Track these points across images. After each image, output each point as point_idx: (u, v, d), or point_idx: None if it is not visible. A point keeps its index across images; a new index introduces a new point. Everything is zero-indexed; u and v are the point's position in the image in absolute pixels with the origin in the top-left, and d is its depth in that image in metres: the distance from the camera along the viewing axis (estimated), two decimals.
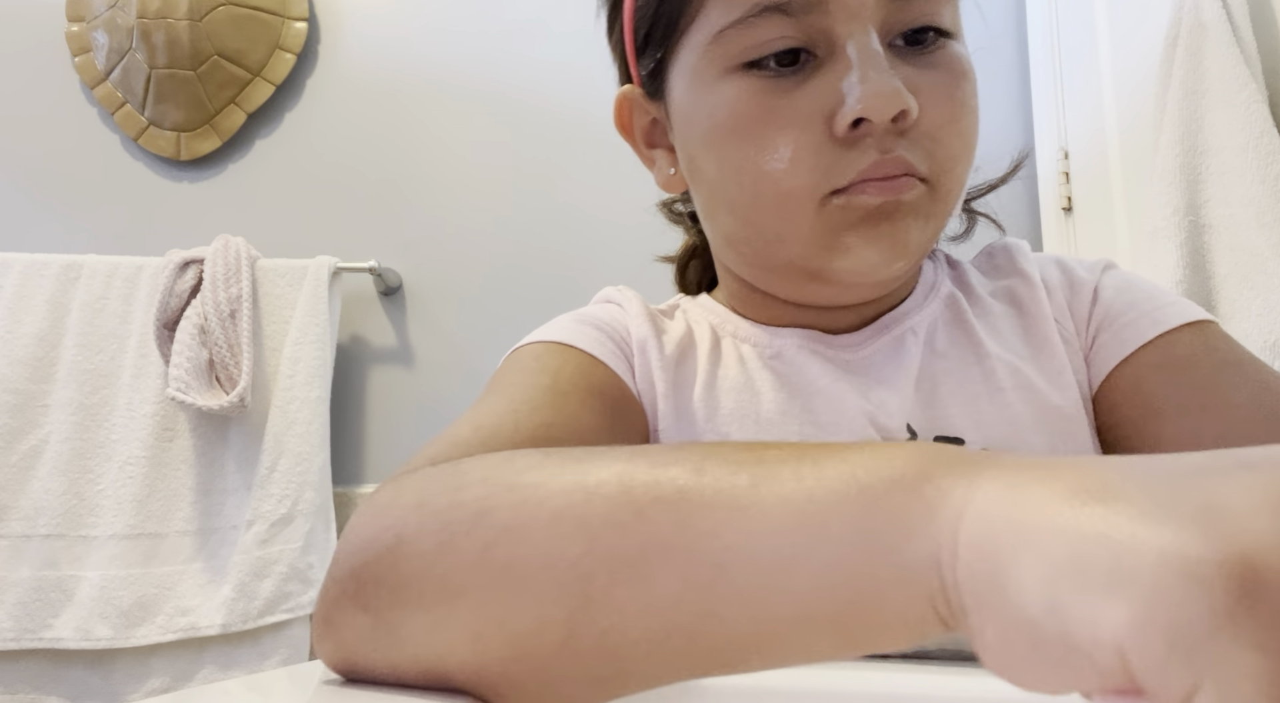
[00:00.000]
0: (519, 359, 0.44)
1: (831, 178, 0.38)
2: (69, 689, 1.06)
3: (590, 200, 1.30)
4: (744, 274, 0.47)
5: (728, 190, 0.42)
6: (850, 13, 0.37)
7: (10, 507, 1.09)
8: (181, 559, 1.10)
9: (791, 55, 0.38)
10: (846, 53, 0.38)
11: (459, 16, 1.35)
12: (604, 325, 0.46)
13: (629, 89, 0.47)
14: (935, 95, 0.39)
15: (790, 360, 0.45)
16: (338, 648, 0.27)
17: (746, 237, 0.44)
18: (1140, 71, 0.95)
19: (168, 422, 1.13)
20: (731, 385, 0.45)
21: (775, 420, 0.43)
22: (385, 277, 1.24)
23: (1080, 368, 0.44)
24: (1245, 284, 0.78)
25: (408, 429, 1.24)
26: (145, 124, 1.32)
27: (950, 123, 0.39)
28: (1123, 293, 0.45)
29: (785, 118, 0.38)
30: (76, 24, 1.33)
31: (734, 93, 0.39)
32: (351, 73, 1.34)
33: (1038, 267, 0.48)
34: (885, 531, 0.19)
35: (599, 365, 0.43)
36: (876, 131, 0.37)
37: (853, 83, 0.37)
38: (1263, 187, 0.77)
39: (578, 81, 1.33)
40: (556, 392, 0.40)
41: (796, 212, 0.39)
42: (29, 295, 1.16)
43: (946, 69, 0.40)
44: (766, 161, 0.39)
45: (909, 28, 0.39)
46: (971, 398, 0.43)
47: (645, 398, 0.45)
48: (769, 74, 0.39)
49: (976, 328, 0.46)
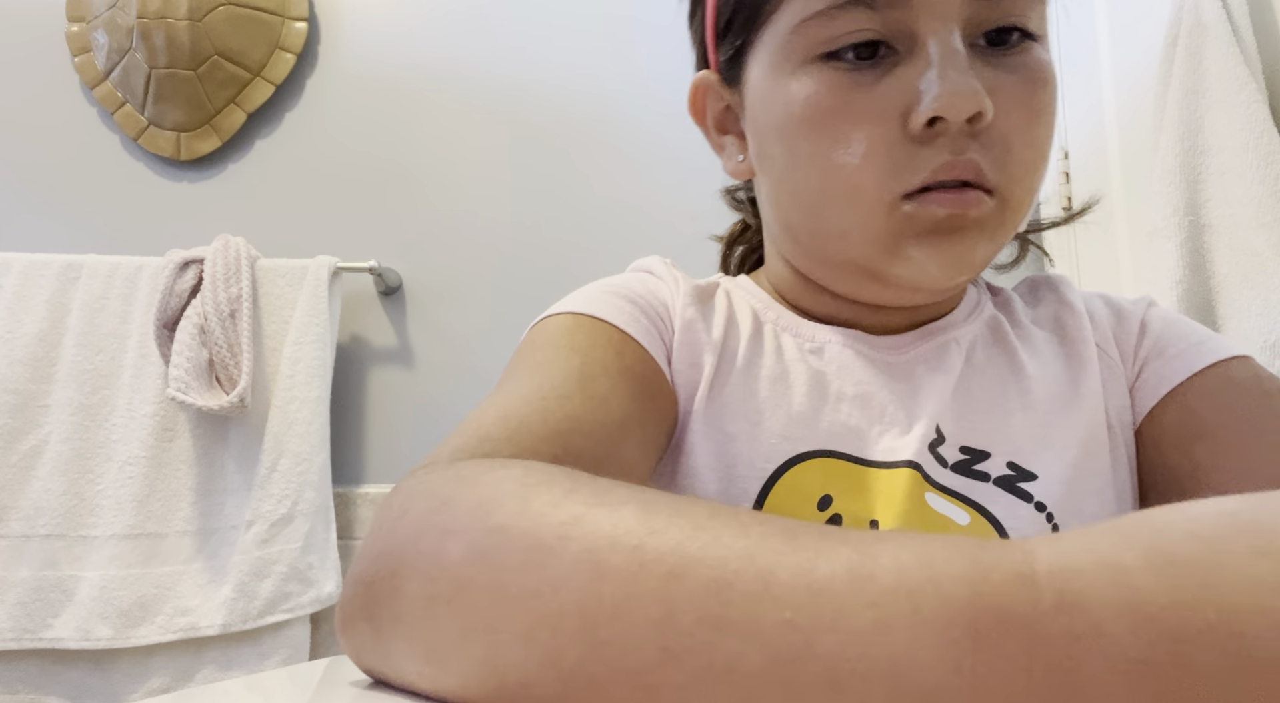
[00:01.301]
0: (547, 333, 0.42)
1: (903, 178, 0.38)
2: (69, 689, 1.06)
3: (591, 200, 1.30)
4: (800, 265, 0.47)
5: (796, 181, 0.42)
6: (934, 10, 0.37)
7: (10, 507, 1.09)
8: (181, 559, 1.10)
9: (870, 49, 0.38)
10: (927, 50, 0.37)
11: (459, 16, 1.35)
12: (639, 299, 0.45)
13: (705, 75, 0.47)
14: (1012, 100, 0.38)
15: (831, 357, 0.45)
16: (352, 651, 0.27)
17: (810, 229, 0.43)
18: (1140, 71, 0.95)
19: (168, 422, 1.13)
20: (768, 374, 0.44)
21: (806, 415, 0.43)
22: (385, 277, 1.24)
23: (1121, 393, 0.45)
24: (1245, 284, 0.78)
25: (408, 429, 1.24)
26: (145, 124, 1.32)
27: (1024, 129, 0.39)
28: (1171, 326, 0.46)
29: (861, 112, 0.38)
30: (76, 24, 1.33)
31: (811, 83, 0.39)
32: (351, 73, 1.34)
33: (1081, 298, 0.48)
34: None
35: (631, 343, 0.42)
36: (951, 131, 0.37)
37: (931, 81, 0.37)
38: (1263, 187, 0.77)
39: (578, 81, 1.33)
40: (586, 376, 0.38)
41: (864, 210, 0.39)
42: (29, 295, 1.16)
43: (1027, 73, 0.39)
44: (839, 154, 0.39)
45: (994, 27, 0.39)
46: (1005, 413, 0.43)
47: (681, 379, 0.44)
48: (847, 67, 0.39)
49: (1018, 349, 0.46)
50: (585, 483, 0.25)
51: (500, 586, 0.22)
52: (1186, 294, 0.82)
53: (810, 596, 0.19)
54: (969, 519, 0.40)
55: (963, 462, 0.42)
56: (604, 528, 0.22)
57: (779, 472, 0.42)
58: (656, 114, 1.31)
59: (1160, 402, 0.43)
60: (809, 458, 0.42)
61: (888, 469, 0.41)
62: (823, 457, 0.42)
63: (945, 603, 0.17)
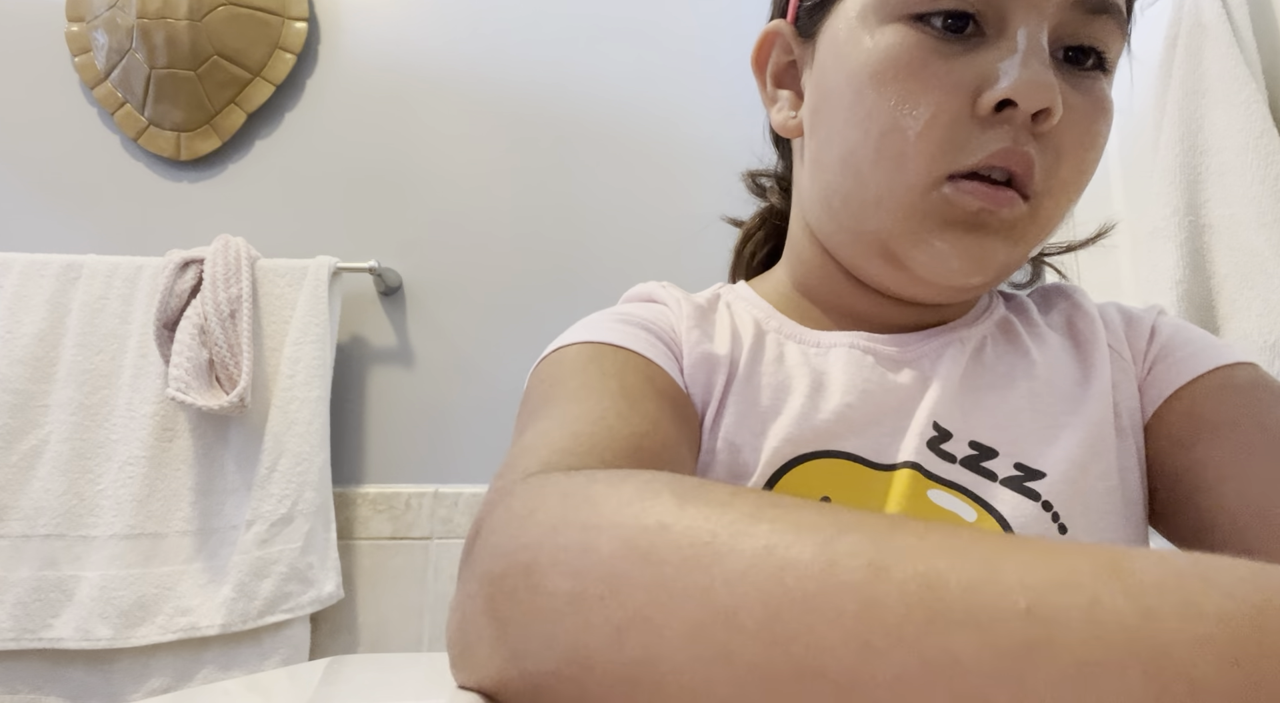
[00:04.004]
0: (571, 362, 0.41)
1: (957, 156, 0.38)
2: (69, 689, 1.06)
3: (591, 200, 1.30)
4: (827, 238, 0.47)
5: (850, 137, 0.42)
6: (1031, 2, 0.38)
7: (10, 507, 1.09)
8: (181, 559, 1.10)
9: (961, 21, 0.39)
10: (1015, 37, 0.38)
11: (459, 16, 1.35)
12: (650, 325, 0.45)
13: (779, 24, 0.48)
14: (1075, 116, 0.39)
15: (834, 359, 0.45)
16: (464, 654, 0.26)
17: (846, 192, 0.43)
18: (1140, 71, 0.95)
19: (168, 422, 1.13)
20: (769, 382, 0.45)
21: (807, 417, 0.43)
22: (385, 277, 1.24)
23: (1132, 393, 0.45)
24: (1245, 284, 0.78)
25: (408, 429, 1.24)
26: (145, 124, 1.32)
27: (1078, 149, 0.39)
28: (1179, 332, 0.46)
29: (936, 79, 0.38)
30: (76, 24, 1.33)
31: (896, 39, 0.39)
32: (351, 73, 1.34)
33: (1095, 305, 0.49)
34: None
35: (656, 368, 0.42)
36: (1017, 121, 0.38)
37: (1012, 65, 0.37)
38: (1263, 186, 0.77)
39: (579, 81, 1.33)
40: (632, 398, 0.38)
41: (907, 181, 0.39)
42: (29, 295, 1.16)
43: (1094, 99, 0.40)
44: (903, 117, 0.39)
45: (1077, 43, 0.39)
46: (1013, 411, 0.43)
47: (698, 401, 0.44)
48: (933, 33, 0.39)
49: (1030, 348, 0.46)
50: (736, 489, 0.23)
51: (663, 582, 0.20)
52: (1186, 294, 0.82)
53: (1052, 587, 0.17)
54: (975, 516, 0.40)
55: (972, 457, 0.42)
56: (785, 525, 0.20)
57: (779, 473, 0.42)
58: (657, 115, 1.31)
59: (1165, 402, 0.43)
60: (810, 459, 0.42)
61: (888, 471, 0.41)
62: (823, 458, 0.42)
63: (1227, 598, 0.16)
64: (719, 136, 1.29)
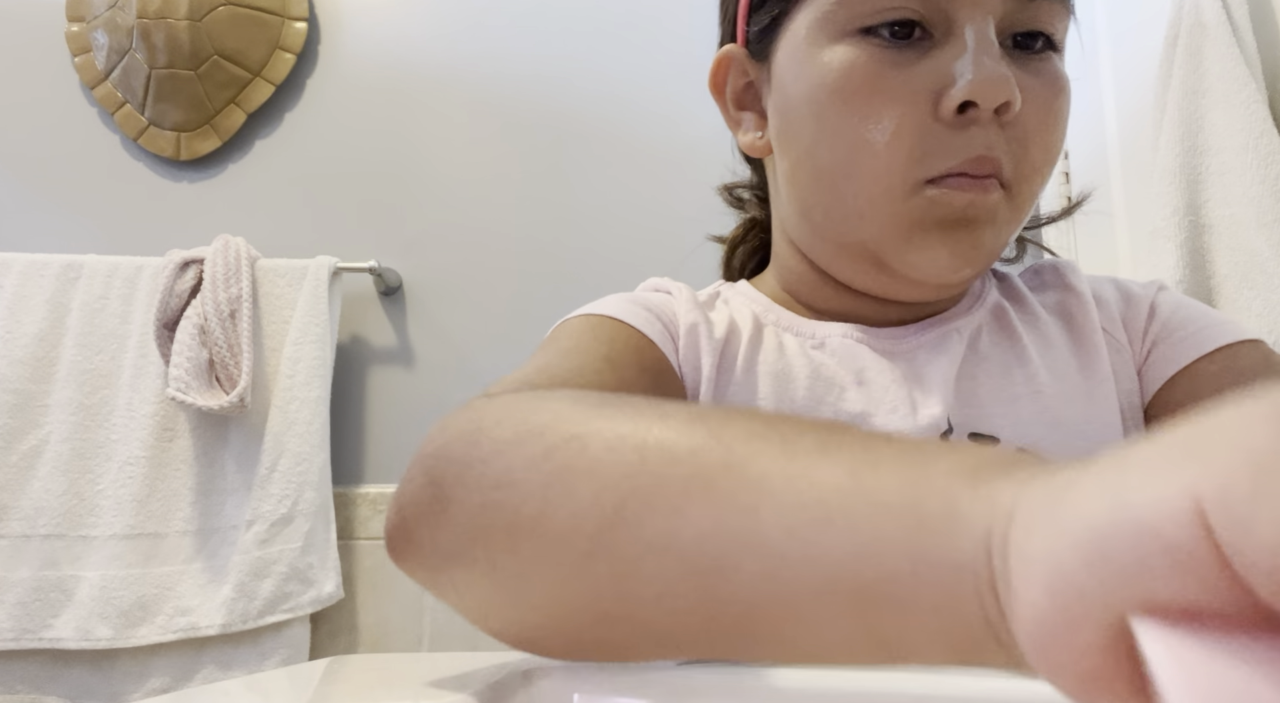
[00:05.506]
0: (573, 327, 0.44)
1: (929, 163, 0.39)
2: (69, 689, 1.06)
3: (591, 200, 1.30)
4: (810, 250, 0.47)
5: (820, 156, 0.42)
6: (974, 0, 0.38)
7: (10, 507, 1.09)
8: (181, 559, 1.10)
9: (907, 29, 0.39)
10: (963, 37, 0.38)
11: (459, 16, 1.35)
12: (653, 307, 0.47)
13: (732, 48, 0.48)
14: (1034, 101, 0.39)
15: (833, 350, 0.45)
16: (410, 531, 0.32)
17: (826, 207, 0.43)
18: (1140, 71, 0.95)
19: (168, 422, 1.13)
20: (768, 371, 0.45)
21: (809, 405, 0.43)
22: (385, 277, 1.24)
23: (1130, 376, 0.45)
24: (1245, 284, 0.78)
25: (408, 429, 1.24)
26: (145, 124, 1.31)
27: (1041, 131, 0.40)
28: (1180, 310, 0.46)
29: (894, 90, 0.39)
30: (76, 24, 1.33)
31: (847, 57, 0.40)
32: (351, 73, 1.34)
33: (1089, 283, 0.49)
34: (937, 509, 0.17)
35: (649, 343, 0.44)
36: (980, 119, 0.38)
37: (965, 66, 0.38)
38: (1263, 187, 0.77)
39: (579, 81, 1.33)
40: (613, 362, 0.41)
41: (885, 191, 0.40)
42: (29, 295, 1.16)
43: (1048, 79, 0.40)
44: (868, 131, 0.39)
45: (1023, 29, 0.40)
46: (1011, 399, 0.43)
47: (689, 381, 0.45)
48: (882, 43, 0.39)
49: (1022, 335, 0.46)
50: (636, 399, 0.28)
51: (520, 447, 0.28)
52: (1186, 294, 0.82)
53: None
54: None
55: None
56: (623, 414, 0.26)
57: None
58: (657, 114, 1.31)
59: (1166, 383, 0.43)
60: None
61: None
62: None
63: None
64: (719, 136, 1.29)
